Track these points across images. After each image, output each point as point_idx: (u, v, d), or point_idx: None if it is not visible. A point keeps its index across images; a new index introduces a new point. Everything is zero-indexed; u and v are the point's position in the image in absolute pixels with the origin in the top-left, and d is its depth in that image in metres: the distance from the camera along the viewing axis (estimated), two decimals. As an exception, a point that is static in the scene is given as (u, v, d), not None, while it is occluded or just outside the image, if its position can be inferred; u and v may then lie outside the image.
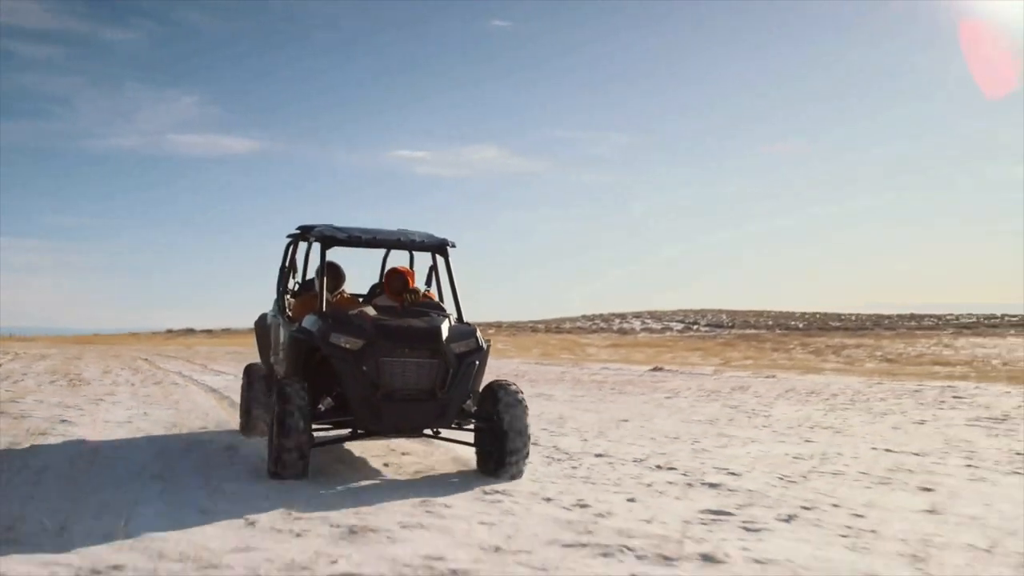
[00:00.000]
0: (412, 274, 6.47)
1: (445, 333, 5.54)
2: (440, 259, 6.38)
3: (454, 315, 6.09)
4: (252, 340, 8.13)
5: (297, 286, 6.87)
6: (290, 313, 6.58)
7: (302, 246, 6.81)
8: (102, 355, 25.04)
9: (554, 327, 64.34)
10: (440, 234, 6.30)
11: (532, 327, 65.25)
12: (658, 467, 6.11)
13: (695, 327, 58.86)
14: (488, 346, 5.87)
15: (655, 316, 69.88)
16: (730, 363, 22.14)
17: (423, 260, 6.79)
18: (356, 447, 6.64)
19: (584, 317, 75.29)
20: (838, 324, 57.54)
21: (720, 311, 72.62)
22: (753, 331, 49.62)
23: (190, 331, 71.40)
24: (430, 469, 5.96)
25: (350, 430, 5.67)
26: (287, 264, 6.85)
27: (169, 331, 71.94)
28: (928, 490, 5.44)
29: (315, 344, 5.50)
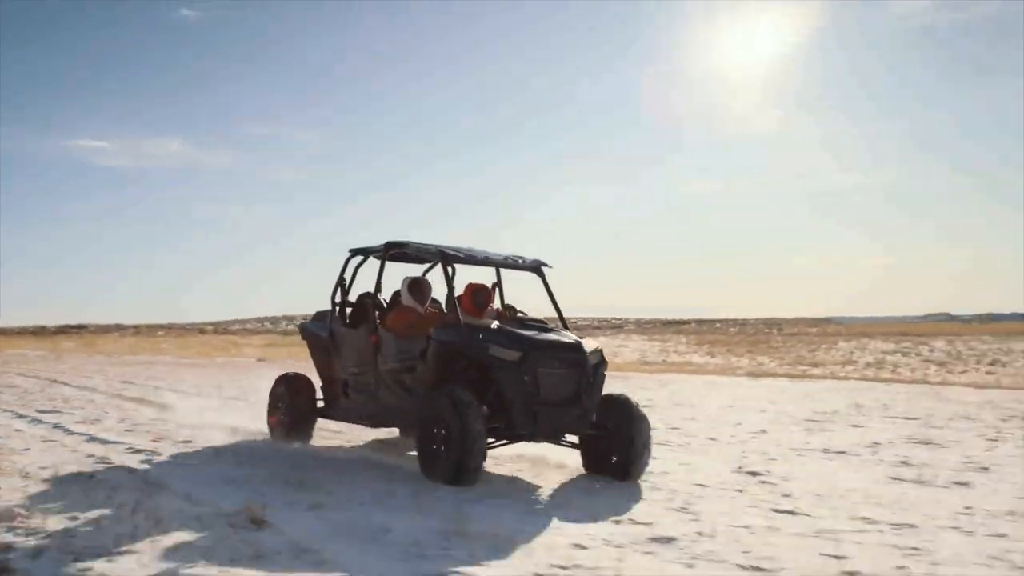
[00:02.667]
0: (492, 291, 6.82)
1: (585, 346, 5.95)
2: (535, 278, 6.87)
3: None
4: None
5: (347, 299, 7.20)
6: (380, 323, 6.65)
7: (359, 260, 7.16)
8: None
9: (223, 329, 65.83)
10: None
11: (200, 329, 66.16)
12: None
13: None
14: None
15: (322, 319, 72.91)
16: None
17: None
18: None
19: (257, 319, 77.61)
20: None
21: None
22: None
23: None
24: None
25: (497, 437, 5.88)
26: (377, 281, 6.87)
27: None
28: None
29: (467, 354, 5.81)
